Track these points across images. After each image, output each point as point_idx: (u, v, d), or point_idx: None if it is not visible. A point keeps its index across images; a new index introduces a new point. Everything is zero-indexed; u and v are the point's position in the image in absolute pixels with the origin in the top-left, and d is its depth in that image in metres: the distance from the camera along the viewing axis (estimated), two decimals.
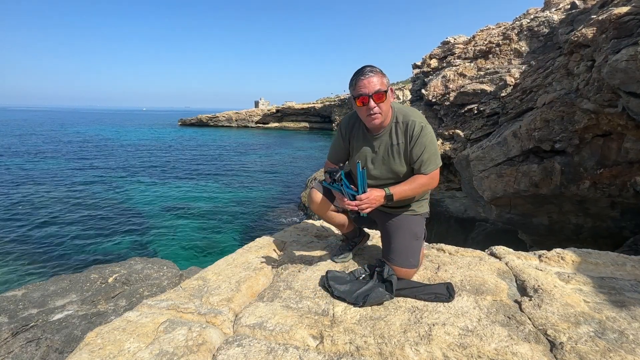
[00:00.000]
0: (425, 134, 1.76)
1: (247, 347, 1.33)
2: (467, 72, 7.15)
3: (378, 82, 1.68)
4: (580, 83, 4.61)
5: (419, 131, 1.75)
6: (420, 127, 1.76)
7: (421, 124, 1.77)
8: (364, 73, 1.70)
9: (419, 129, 1.75)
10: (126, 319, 1.48)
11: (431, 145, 1.77)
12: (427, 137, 1.76)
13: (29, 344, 2.54)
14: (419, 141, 1.75)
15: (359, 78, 1.70)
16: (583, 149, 4.82)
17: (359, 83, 1.70)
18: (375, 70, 1.71)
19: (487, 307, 1.61)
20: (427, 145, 1.76)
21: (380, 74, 1.71)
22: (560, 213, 5.52)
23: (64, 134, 51.22)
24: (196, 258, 10.58)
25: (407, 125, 1.77)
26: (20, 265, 9.64)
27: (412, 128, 1.76)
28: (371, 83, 1.68)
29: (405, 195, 1.75)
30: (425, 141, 1.76)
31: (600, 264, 2.11)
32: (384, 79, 1.71)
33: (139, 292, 3.28)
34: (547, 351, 1.32)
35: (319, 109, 63.31)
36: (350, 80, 1.75)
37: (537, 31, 6.62)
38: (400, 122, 1.79)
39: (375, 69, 1.72)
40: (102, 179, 20.34)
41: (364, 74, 1.70)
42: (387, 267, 1.83)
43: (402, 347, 1.34)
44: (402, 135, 1.79)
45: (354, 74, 1.74)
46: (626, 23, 4.00)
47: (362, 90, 1.69)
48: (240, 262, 2.11)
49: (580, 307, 1.59)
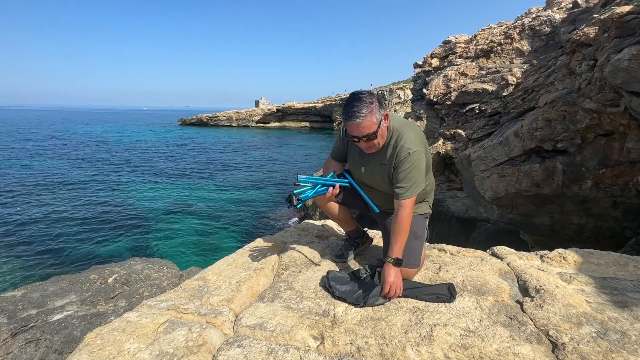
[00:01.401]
0: (411, 161, 1.71)
1: (247, 348, 1.33)
2: (469, 71, 7.13)
3: (368, 125, 1.63)
4: (582, 82, 4.59)
5: (404, 157, 1.71)
6: (407, 153, 1.71)
7: (409, 150, 1.71)
8: (352, 117, 1.63)
9: (405, 155, 1.71)
10: (126, 320, 1.47)
11: (414, 172, 1.72)
12: (411, 164, 1.71)
13: (28, 344, 2.53)
14: (402, 167, 1.72)
15: (348, 122, 1.66)
16: (585, 148, 4.80)
17: (348, 126, 1.68)
18: (364, 112, 1.61)
19: (489, 307, 1.61)
20: (410, 174, 1.72)
21: (370, 114, 1.62)
22: (562, 213, 5.50)
23: (63, 133, 51.24)
24: (196, 258, 10.56)
25: (395, 148, 1.75)
26: (19, 265, 9.62)
27: (399, 153, 1.73)
28: (360, 128, 1.64)
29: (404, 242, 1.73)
30: (408, 168, 1.71)
31: (603, 265, 2.10)
32: (374, 117, 1.63)
33: (139, 293, 3.27)
34: (549, 352, 1.31)
35: (319, 108, 63.31)
36: (342, 112, 1.71)
37: (539, 30, 6.59)
38: (392, 144, 1.76)
39: (365, 107, 1.62)
40: (102, 179, 20.33)
41: (352, 119, 1.63)
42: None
43: (403, 348, 1.34)
44: (391, 156, 1.77)
45: (344, 109, 1.68)
46: (628, 22, 3.98)
47: (352, 133, 1.68)
48: (240, 262, 2.10)
49: (582, 308, 1.58)
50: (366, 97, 1.64)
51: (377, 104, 1.66)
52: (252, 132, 59.79)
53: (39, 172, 21.70)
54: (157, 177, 21.64)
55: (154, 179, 20.87)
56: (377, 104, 1.66)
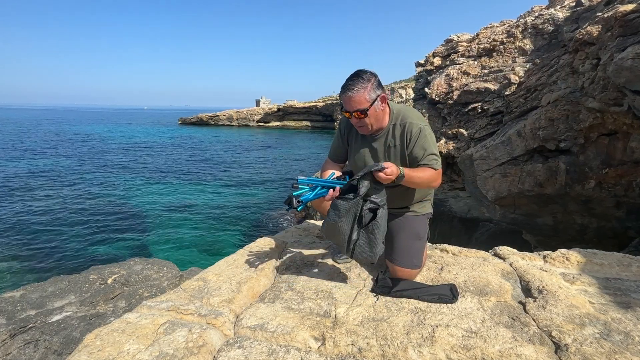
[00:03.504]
0: (425, 135, 1.73)
1: (248, 349, 1.32)
2: (471, 70, 7.10)
3: (359, 100, 1.63)
4: (585, 81, 4.56)
5: (417, 132, 1.72)
6: (419, 128, 1.72)
7: (419, 125, 1.73)
8: (347, 89, 1.65)
9: (417, 131, 1.72)
10: (125, 321, 1.47)
11: (433, 146, 1.74)
12: (427, 138, 1.73)
13: (27, 345, 2.51)
14: (419, 143, 1.72)
15: (343, 94, 1.68)
16: (588, 148, 4.78)
17: (343, 99, 1.69)
18: (359, 86, 1.63)
19: (491, 308, 1.59)
20: (429, 146, 1.73)
21: (364, 90, 1.63)
22: (565, 213, 5.47)
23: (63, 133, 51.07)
24: (196, 259, 10.48)
25: (404, 127, 1.74)
26: (18, 265, 9.55)
27: (410, 130, 1.73)
28: (352, 102, 1.65)
29: (413, 181, 1.67)
30: (425, 142, 1.72)
31: (606, 265, 2.08)
32: (367, 95, 1.64)
33: (139, 293, 3.24)
34: (552, 353, 1.30)
35: (320, 107, 63.15)
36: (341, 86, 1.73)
37: (542, 29, 6.56)
38: (398, 124, 1.76)
39: (360, 82, 1.64)
40: (101, 179, 20.24)
41: (346, 91, 1.65)
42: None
43: (405, 349, 1.33)
44: (398, 137, 1.76)
45: (345, 81, 1.70)
46: (632, 21, 3.95)
47: (345, 107, 1.69)
48: (241, 262, 2.09)
49: (585, 309, 1.57)
50: (365, 75, 1.66)
51: (375, 84, 1.67)
52: (253, 131, 59.65)
53: (38, 171, 21.60)
54: (157, 177, 21.55)
55: (153, 179, 20.77)
56: (375, 84, 1.67)
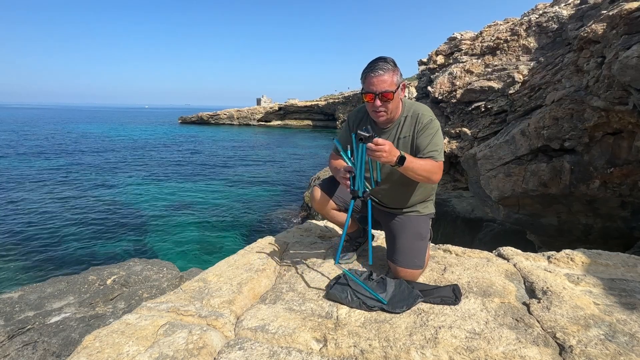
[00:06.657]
0: (433, 126, 1.75)
1: (248, 351, 1.31)
2: (474, 68, 7.07)
3: (387, 81, 1.64)
4: (590, 80, 4.52)
5: (428, 122, 1.74)
6: (430, 119, 1.75)
7: (430, 117, 1.76)
8: (375, 69, 1.65)
9: (428, 121, 1.74)
10: (125, 322, 1.46)
11: (438, 138, 1.76)
12: (434, 129, 1.75)
13: (25, 347, 2.48)
14: (427, 132, 1.73)
15: (369, 74, 1.66)
16: (593, 147, 4.73)
17: (368, 79, 1.67)
18: (386, 67, 1.65)
19: (495, 309, 1.58)
20: (435, 137, 1.75)
21: (392, 72, 1.65)
22: (570, 213, 5.43)
23: (63, 132, 50.96)
24: (197, 259, 10.40)
25: (416, 117, 1.76)
26: (16, 266, 9.49)
27: (421, 120, 1.74)
28: (380, 82, 1.64)
29: (413, 168, 1.61)
30: (432, 133, 1.74)
31: (611, 266, 2.06)
32: (394, 77, 1.66)
33: (138, 294, 3.21)
34: (557, 355, 1.28)
35: (322, 106, 63.00)
36: (362, 72, 1.71)
37: (546, 27, 6.52)
38: (409, 116, 1.77)
39: (387, 64, 1.65)
40: (101, 179, 20.18)
41: (374, 70, 1.65)
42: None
43: (407, 351, 1.31)
44: (409, 128, 1.77)
45: (367, 66, 1.69)
46: (637, 19, 3.91)
47: (370, 88, 1.66)
48: (241, 263, 2.08)
49: (590, 310, 1.55)
50: (390, 60, 1.68)
51: (399, 71, 1.70)
52: (254, 130, 59.50)
53: (37, 171, 21.53)
54: (157, 176, 21.47)
55: (153, 179, 20.68)
56: (399, 71, 1.70)
